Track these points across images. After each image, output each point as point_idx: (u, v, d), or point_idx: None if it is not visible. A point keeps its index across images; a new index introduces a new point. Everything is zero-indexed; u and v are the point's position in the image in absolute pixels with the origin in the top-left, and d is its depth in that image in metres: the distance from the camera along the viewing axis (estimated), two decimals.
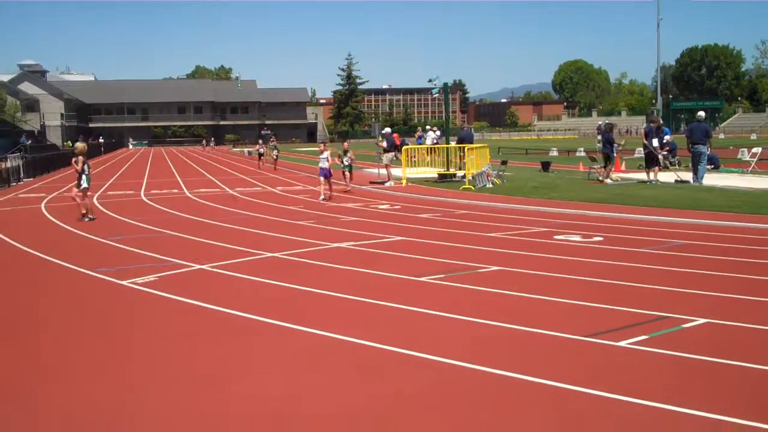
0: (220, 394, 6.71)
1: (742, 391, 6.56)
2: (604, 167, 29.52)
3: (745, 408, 6.10)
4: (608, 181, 28.64)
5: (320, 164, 26.14)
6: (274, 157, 49.26)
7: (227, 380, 7.11)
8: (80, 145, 21.79)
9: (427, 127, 57.63)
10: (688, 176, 28.36)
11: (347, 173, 29.05)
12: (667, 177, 29.01)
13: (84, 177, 20.77)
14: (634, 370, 7.10)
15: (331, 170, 26.31)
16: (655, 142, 28.34)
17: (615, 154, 30.40)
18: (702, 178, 27.16)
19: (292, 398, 6.61)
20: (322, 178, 26.11)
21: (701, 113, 29.26)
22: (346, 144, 29.73)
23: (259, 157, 52.52)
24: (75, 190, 21.15)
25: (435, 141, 46.27)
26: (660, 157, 28.81)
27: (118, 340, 8.69)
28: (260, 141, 57.38)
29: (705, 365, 7.21)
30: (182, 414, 6.31)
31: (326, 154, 26.02)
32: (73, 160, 21.31)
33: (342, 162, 28.47)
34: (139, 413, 6.34)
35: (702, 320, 8.80)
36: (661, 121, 33.09)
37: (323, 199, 25.55)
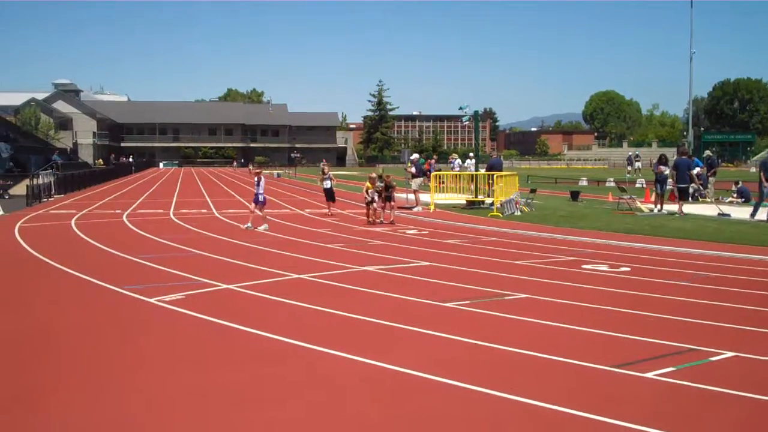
0: (243, 416, 6.71)
1: None
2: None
3: None
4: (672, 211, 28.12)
5: (256, 190, 24.32)
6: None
7: (250, 402, 7.11)
8: None
9: (470, 154, 56.70)
10: (728, 210, 28.22)
11: (388, 203, 26.38)
12: (703, 210, 28.72)
13: None
14: (662, 401, 7.03)
15: (265, 197, 24.56)
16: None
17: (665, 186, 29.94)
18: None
19: (315, 422, 6.60)
20: (253, 204, 24.59)
21: None
22: (378, 173, 27.34)
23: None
24: None
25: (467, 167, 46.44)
26: (690, 189, 28.58)
27: (142, 357, 8.72)
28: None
29: (733, 399, 7.12)
30: None
31: (258, 179, 24.33)
32: None
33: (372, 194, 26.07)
34: (158, 430, 6.35)
35: (730, 353, 8.71)
36: (690, 153, 32.87)
37: (248, 227, 23.77)
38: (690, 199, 28.87)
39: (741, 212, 27.98)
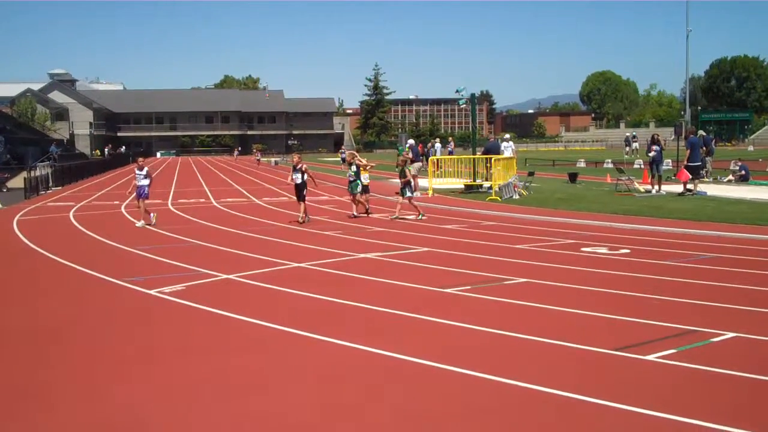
0: (242, 405, 6.72)
1: None
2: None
3: None
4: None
5: (138, 181, 22.24)
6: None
7: (250, 391, 7.12)
8: None
9: (506, 136, 54.39)
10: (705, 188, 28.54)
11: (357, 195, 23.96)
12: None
13: None
14: (663, 384, 7.04)
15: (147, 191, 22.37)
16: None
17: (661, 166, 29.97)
18: None
19: (315, 410, 6.60)
20: (138, 200, 22.33)
21: None
22: (348, 155, 25.63)
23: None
24: None
25: (450, 152, 47.64)
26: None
27: (142, 349, 8.73)
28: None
29: (734, 380, 7.13)
30: (202, 423, 6.31)
31: (145, 170, 22.40)
32: None
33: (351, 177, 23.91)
34: (159, 421, 6.36)
35: (731, 334, 8.71)
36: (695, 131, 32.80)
37: (151, 223, 21.93)
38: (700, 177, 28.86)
39: (739, 191, 28.00)
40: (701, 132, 39.24)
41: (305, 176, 22.44)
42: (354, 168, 23.86)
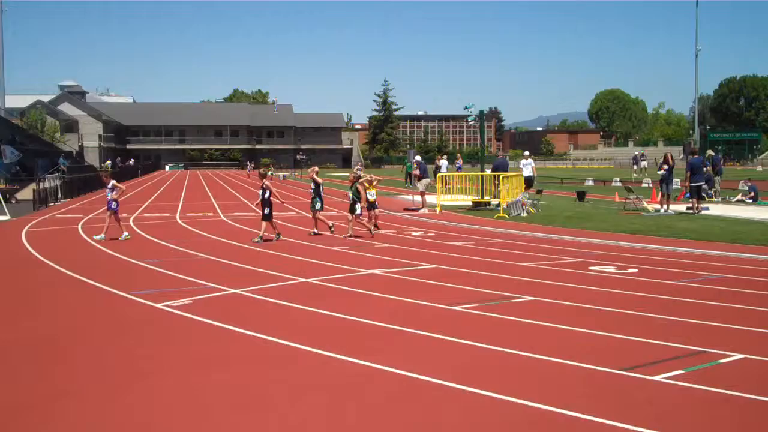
0: (247, 419, 6.71)
1: None
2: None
3: None
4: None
5: (108, 195, 21.85)
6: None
7: (255, 406, 7.11)
8: None
9: (525, 153, 53.41)
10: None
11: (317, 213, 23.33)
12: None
13: None
14: (671, 404, 7.01)
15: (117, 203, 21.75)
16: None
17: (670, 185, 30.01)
18: None
19: (321, 426, 6.59)
20: (109, 212, 21.73)
21: None
22: (310, 170, 24.48)
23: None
24: None
25: (458, 168, 48.52)
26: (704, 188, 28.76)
27: (151, 363, 8.72)
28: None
29: (742, 401, 7.10)
30: None
31: (112, 182, 22.16)
32: None
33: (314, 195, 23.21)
34: None
35: (739, 355, 8.68)
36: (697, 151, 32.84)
37: (101, 239, 21.36)
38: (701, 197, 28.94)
39: (748, 212, 27.92)
40: (710, 151, 39.24)
41: (266, 193, 21.25)
42: (314, 185, 23.20)
